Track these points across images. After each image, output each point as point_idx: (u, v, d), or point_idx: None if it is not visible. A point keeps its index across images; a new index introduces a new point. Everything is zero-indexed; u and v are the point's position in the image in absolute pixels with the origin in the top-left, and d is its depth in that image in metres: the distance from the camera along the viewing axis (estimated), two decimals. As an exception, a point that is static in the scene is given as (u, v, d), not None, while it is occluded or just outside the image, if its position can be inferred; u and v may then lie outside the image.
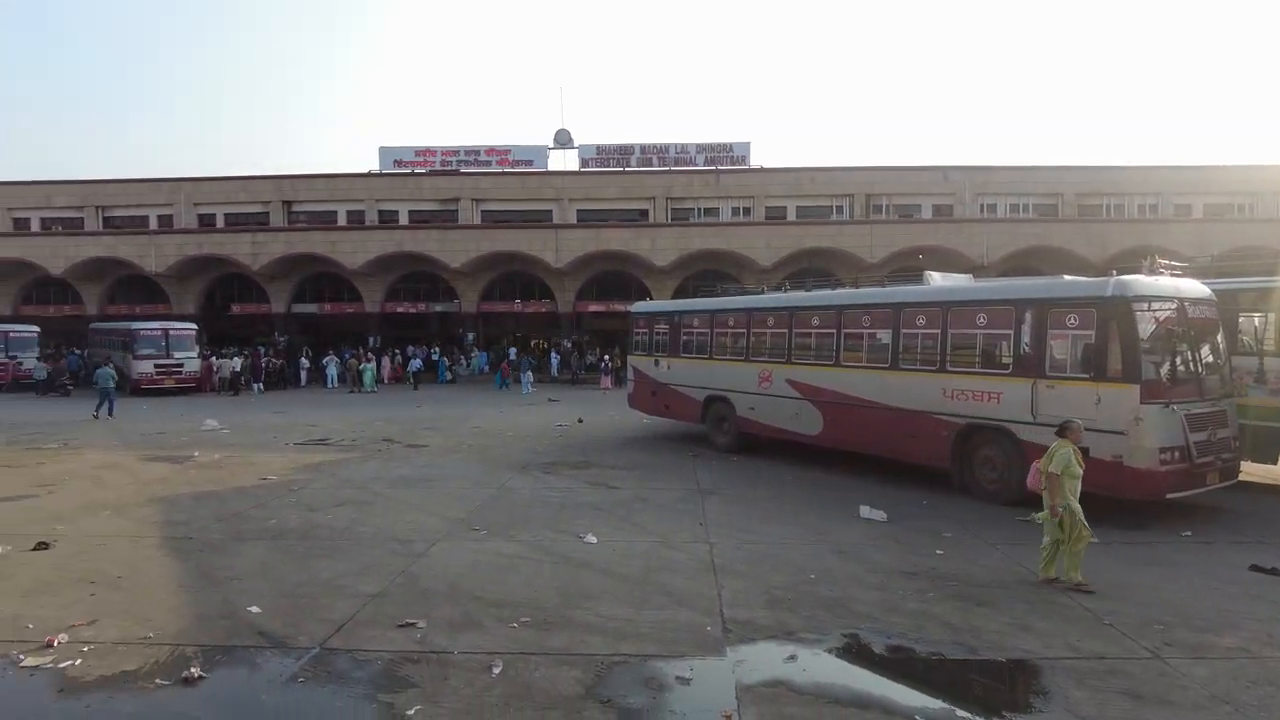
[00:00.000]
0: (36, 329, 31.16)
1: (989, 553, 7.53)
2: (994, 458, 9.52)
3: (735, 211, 38.05)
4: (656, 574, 6.86)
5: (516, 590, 6.42)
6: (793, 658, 5.17)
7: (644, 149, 40.10)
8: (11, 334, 29.79)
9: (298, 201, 40.08)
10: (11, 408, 22.26)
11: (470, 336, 35.74)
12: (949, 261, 28.59)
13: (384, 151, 41.04)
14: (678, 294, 32.10)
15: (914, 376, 10.40)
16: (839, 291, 12.77)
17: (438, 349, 34.78)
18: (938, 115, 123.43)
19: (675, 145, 39.88)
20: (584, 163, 40.16)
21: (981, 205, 37.24)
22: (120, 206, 40.92)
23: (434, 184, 39.61)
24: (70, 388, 27.47)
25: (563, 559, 7.33)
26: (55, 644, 5.36)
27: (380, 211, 39.44)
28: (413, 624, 5.66)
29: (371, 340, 35.26)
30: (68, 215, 40.79)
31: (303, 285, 36.42)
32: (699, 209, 38.36)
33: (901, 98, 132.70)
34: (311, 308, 36.72)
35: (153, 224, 39.84)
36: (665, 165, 39.59)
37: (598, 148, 40.23)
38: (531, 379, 28.25)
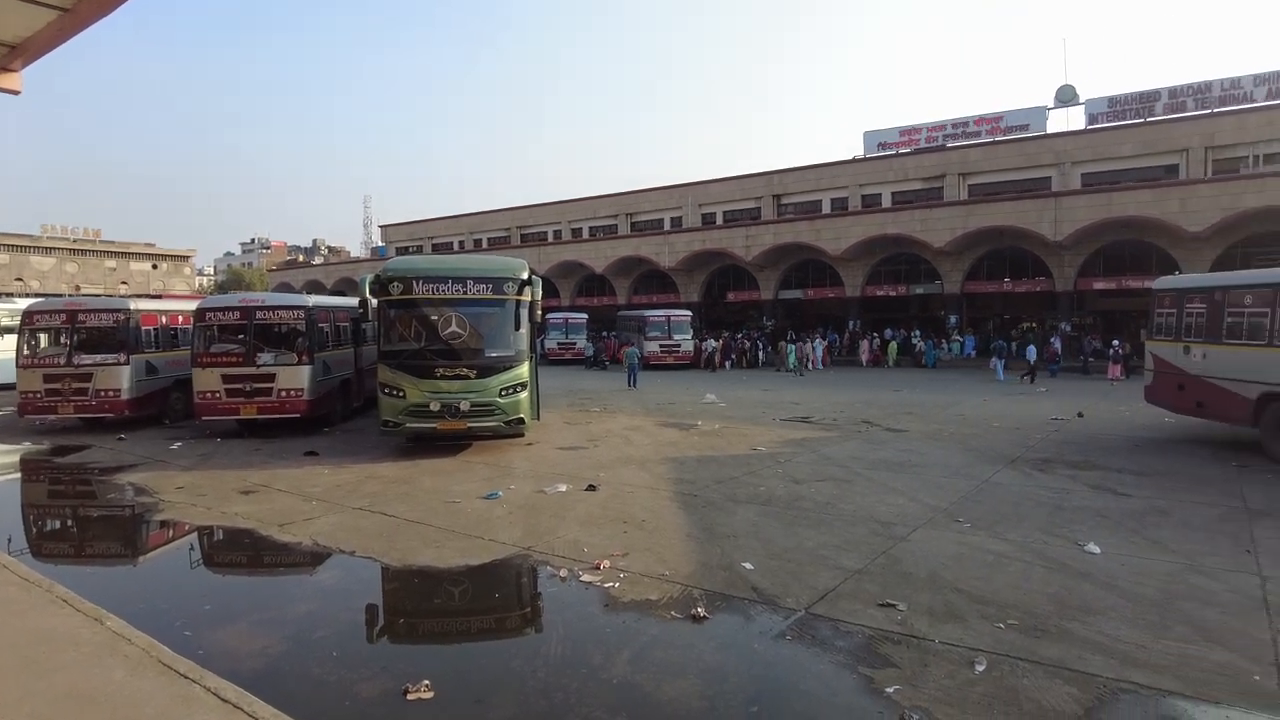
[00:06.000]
0: (585, 315, 38.73)
1: None
2: None
3: (1318, 154, 29.47)
4: (1180, 601, 5.82)
5: (1003, 590, 6.06)
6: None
7: (1174, 93, 33.57)
8: (570, 319, 37.54)
9: (786, 194, 42.83)
10: (569, 377, 27.98)
11: (954, 319, 34.02)
12: None
13: (868, 136, 41.43)
14: (1218, 265, 26.19)
15: None
16: None
17: (917, 332, 33.96)
18: None
19: (1221, 81, 32.53)
20: (1091, 119, 35.21)
21: None
22: (643, 212, 48.65)
23: (918, 162, 38.70)
24: (606, 363, 33.56)
25: (1057, 565, 6.67)
26: (601, 567, 6.70)
27: (863, 196, 39.97)
28: (893, 605, 5.74)
29: (852, 324, 36.05)
30: (607, 223, 49.97)
31: (789, 273, 38.78)
32: (1255, 156, 30.57)
33: None
34: (796, 293, 38.91)
35: (666, 226, 46.43)
36: (1206, 109, 32.50)
37: (1110, 100, 34.91)
38: (1004, 364, 26.29)
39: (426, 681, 4.60)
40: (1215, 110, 32.25)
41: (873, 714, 4.28)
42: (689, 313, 34.86)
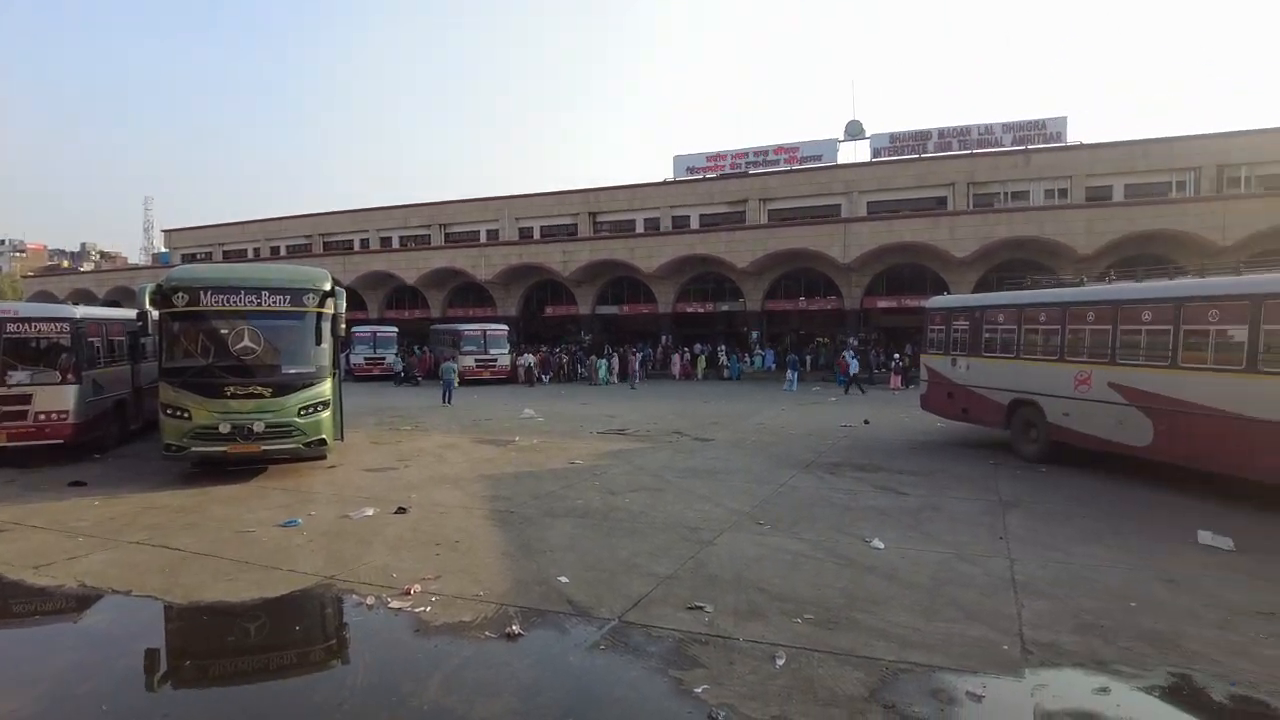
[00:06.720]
0: (395, 329, 37.11)
1: (1385, 600, 6.14)
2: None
3: (1049, 194, 34.36)
4: (948, 586, 6.54)
5: (800, 587, 6.51)
6: (1104, 690, 4.67)
7: (942, 133, 37.72)
8: (378, 333, 35.74)
9: (602, 212, 43.60)
10: (378, 394, 26.73)
11: (755, 335, 36.22)
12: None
13: (678, 160, 43.07)
14: (979, 287, 29.72)
15: None
16: (1180, 282, 10.89)
17: (723, 347, 35.72)
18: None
19: (978, 126, 37.02)
20: (876, 153, 38.81)
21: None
22: (458, 224, 47.61)
23: (723, 187, 40.77)
24: (420, 378, 32.41)
25: (847, 561, 7.26)
26: (411, 592, 6.45)
27: (674, 217, 41.50)
28: (701, 608, 5.99)
29: (665, 338, 37.30)
30: (419, 233, 48.39)
31: (605, 288, 39.50)
32: (1005, 193, 35.23)
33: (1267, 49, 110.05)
34: (613, 309, 39.72)
35: (482, 238, 45.76)
36: (967, 149, 36.89)
37: (891, 136, 38.64)
38: (797, 376, 28.51)
39: (214, 728, 4.22)
40: (974, 151, 36.66)
41: (682, 715, 4.43)
42: (506, 327, 34.48)
